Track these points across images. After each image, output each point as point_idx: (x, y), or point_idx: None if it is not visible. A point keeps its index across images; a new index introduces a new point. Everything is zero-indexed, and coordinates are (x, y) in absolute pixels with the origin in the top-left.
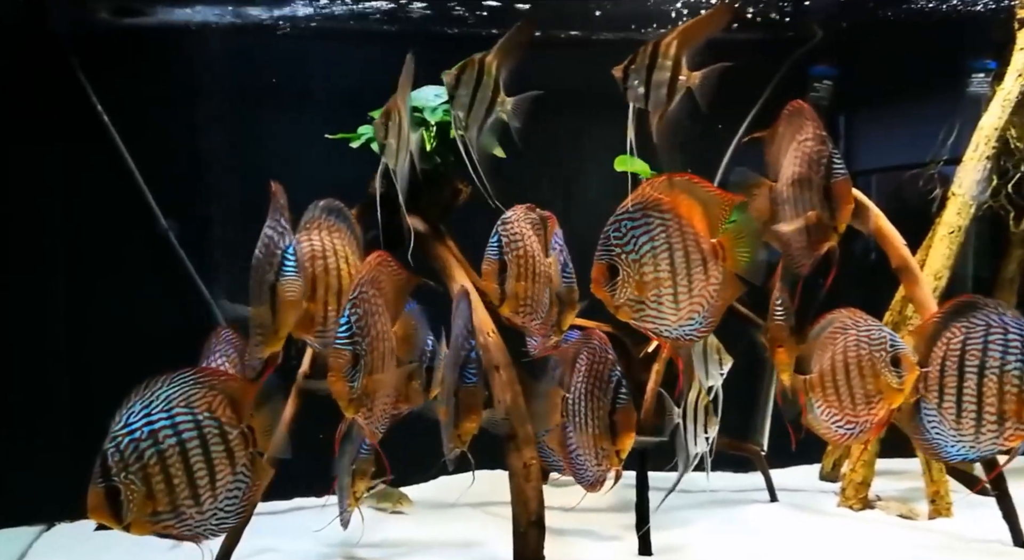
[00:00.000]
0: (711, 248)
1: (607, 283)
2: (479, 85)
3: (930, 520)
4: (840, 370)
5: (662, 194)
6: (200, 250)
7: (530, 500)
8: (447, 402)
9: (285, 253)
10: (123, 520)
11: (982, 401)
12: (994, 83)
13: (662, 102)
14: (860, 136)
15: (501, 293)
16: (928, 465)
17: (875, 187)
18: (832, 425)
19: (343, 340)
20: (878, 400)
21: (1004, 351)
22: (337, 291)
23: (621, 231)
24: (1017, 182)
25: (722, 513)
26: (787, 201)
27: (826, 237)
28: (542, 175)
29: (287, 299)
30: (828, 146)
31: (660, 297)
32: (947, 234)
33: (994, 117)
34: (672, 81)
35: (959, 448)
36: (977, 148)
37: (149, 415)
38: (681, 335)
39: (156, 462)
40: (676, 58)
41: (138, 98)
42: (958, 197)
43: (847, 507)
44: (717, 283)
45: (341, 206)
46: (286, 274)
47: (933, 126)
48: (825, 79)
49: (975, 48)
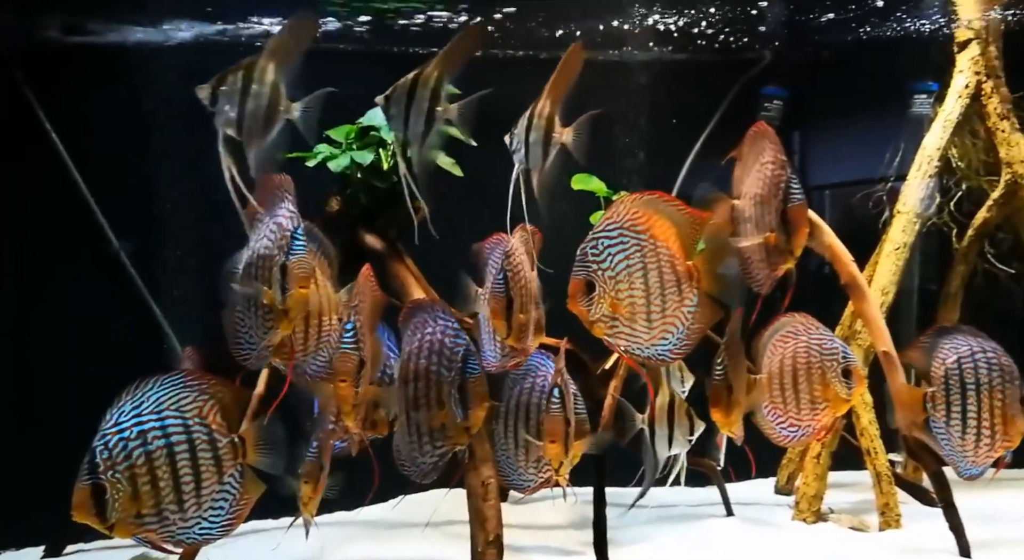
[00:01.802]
0: (686, 270)
1: (583, 299)
2: (412, 100)
3: (880, 532)
4: (789, 374)
5: (639, 213)
6: (152, 268)
7: (488, 519)
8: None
9: (294, 234)
10: (107, 520)
11: (980, 418)
12: (936, 104)
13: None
14: (809, 154)
15: (508, 327)
16: (878, 477)
17: (823, 204)
18: (776, 426)
19: (350, 344)
20: (823, 407)
21: (989, 369)
22: (306, 314)
23: (598, 248)
24: (959, 200)
25: (679, 528)
26: (748, 219)
27: (783, 260)
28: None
29: (298, 275)
30: (787, 171)
31: (634, 315)
32: (893, 250)
33: (936, 137)
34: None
35: (966, 465)
36: (921, 167)
37: (139, 416)
38: (653, 355)
39: (144, 463)
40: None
41: (88, 116)
42: (903, 215)
43: (801, 520)
44: (692, 305)
45: (310, 226)
46: (296, 252)
47: (879, 145)
48: (776, 99)
49: (918, 70)
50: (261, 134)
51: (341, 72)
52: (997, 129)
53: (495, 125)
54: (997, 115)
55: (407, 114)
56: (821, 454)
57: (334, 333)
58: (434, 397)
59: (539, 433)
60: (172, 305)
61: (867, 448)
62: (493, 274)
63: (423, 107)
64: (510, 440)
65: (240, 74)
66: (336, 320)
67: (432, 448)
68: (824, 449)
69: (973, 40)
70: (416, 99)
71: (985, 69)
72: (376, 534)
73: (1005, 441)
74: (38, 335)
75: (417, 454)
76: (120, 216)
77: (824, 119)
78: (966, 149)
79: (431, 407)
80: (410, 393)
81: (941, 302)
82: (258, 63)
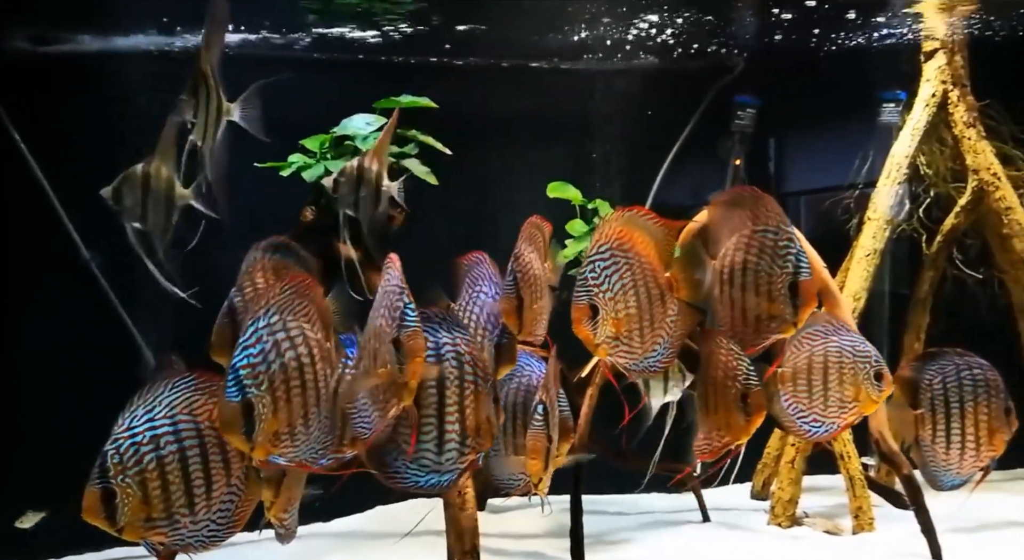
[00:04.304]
0: (666, 281)
1: (588, 323)
2: (208, 99)
3: (854, 535)
4: (818, 371)
5: (623, 232)
6: (122, 280)
7: (465, 530)
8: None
9: (405, 309)
10: (117, 523)
11: (964, 435)
12: (904, 112)
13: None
14: (781, 161)
15: (520, 325)
16: (851, 481)
17: (797, 210)
18: (798, 420)
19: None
20: (852, 407)
21: (974, 386)
22: None
23: (596, 271)
24: (928, 206)
25: (657, 534)
26: (727, 283)
27: (783, 330)
28: (473, 201)
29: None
30: (796, 242)
31: (631, 333)
32: (864, 257)
33: (904, 145)
34: (377, 190)
35: (950, 477)
36: (890, 174)
37: (152, 419)
38: (646, 367)
39: (155, 467)
40: (378, 172)
41: (57, 126)
42: (874, 221)
43: (776, 525)
44: (674, 314)
45: (286, 242)
46: (408, 326)
47: (850, 153)
48: (748, 107)
49: (887, 79)
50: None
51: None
52: (963, 137)
53: (466, 134)
54: (963, 123)
55: (205, 113)
56: (796, 459)
57: None
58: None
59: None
60: (143, 313)
61: (840, 452)
62: (470, 293)
63: (213, 106)
64: (497, 440)
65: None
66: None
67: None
68: (799, 454)
69: (939, 50)
70: (209, 99)
71: (951, 78)
72: (352, 545)
73: (990, 451)
74: (7, 344)
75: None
76: (89, 225)
77: (795, 127)
78: (934, 156)
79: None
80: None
81: (911, 307)
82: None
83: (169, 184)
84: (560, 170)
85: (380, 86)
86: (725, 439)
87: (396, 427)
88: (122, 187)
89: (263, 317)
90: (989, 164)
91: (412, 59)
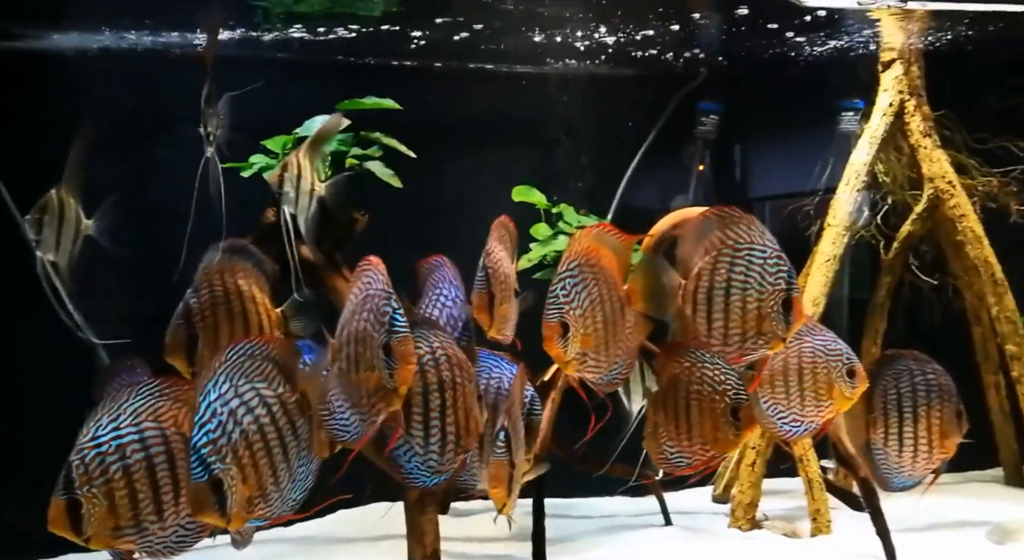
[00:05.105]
0: (625, 294)
1: (559, 340)
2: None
3: (812, 537)
4: (794, 372)
5: (590, 247)
6: (75, 279)
7: (426, 533)
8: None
9: (394, 315)
10: (83, 533)
11: (917, 436)
12: (863, 121)
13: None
14: (743, 167)
15: (491, 320)
16: (810, 484)
17: (762, 216)
18: (778, 421)
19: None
20: (827, 405)
21: (927, 390)
22: (245, 333)
23: (567, 288)
24: (885, 213)
25: (619, 538)
26: (709, 300)
27: (773, 345)
28: (437, 205)
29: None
30: (786, 259)
31: (598, 347)
32: (824, 262)
33: (863, 153)
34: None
35: (901, 478)
36: (849, 182)
37: (117, 428)
38: (610, 379)
39: (121, 477)
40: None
41: (11, 123)
42: (833, 227)
43: (737, 528)
44: (631, 326)
45: (244, 245)
46: (398, 332)
47: (811, 159)
48: (711, 113)
49: (846, 88)
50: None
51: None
52: (919, 146)
53: (430, 137)
54: (920, 132)
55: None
56: (756, 462)
57: None
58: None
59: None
60: (98, 314)
61: (800, 456)
62: (431, 295)
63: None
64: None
65: None
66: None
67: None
68: (759, 457)
69: (896, 60)
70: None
71: (908, 88)
72: (310, 549)
73: (941, 453)
74: None
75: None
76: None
77: (758, 134)
78: (891, 165)
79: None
80: (343, 357)
81: (869, 311)
82: None
83: (77, 214)
84: (525, 174)
85: (344, 88)
86: (711, 452)
87: (409, 430)
88: (43, 217)
89: (213, 389)
90: (944, 172)
91: (375, 61)
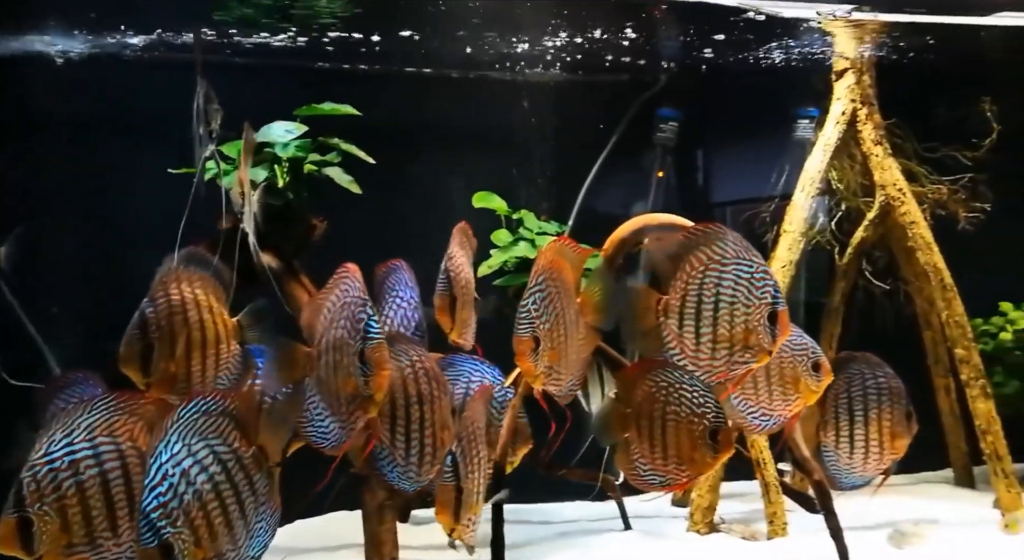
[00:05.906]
0: (579, 306)
1: (532, 354)
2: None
3: (769, 540)
4: (761, 368)
5: (553, 261)
6: (31, 287)
7: (384, 543)
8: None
9: (368, 322)
10: (35, 552)
11: (868, 437)
12: (817, 129)
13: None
14: (702, 173)
15: (452, 323)
16: (767, 487)
17: (724, 221)
18: (749, 416)
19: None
20: (795, 399)
21: (877, 392)
22: (201, 344)
23: (536, 303)
24: (839, 219)
25: (579, 542)
26: (695, 315)
27: (760, 358)
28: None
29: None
30: (771, 273)
31: (560, 360)
32: (780, 268)
33: (817, 160)
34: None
35: (851, 478)
36: (804, 188)
37: (71, 444)
38: (568, 390)
39: (74, 493)
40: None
41: None
42: (789, 233)
43: (695, 532)
44: (583, 337)
45: (202, 253)
46: (373, 339)
47: (767, 166)
48: (670, 120)
49: (801, 96)
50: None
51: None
52: (871, 154)
53: (391, 143)
54: (871, 140)
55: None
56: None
57: (232, 360)
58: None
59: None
60: (49, 322)
61: (757, 459)
62: (388, 299)
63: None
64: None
65: None
66: (235, 347)
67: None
68: None
69: (849, 69)
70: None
71: (860, 97)
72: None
73: (891, 454)
74: None
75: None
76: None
77: (716, 141)
78: (844, 172)
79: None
80: (322, 365)
81: (824, 316)
82: None
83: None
84: (486, 180)
85: (302, 92)
86: (687, 473)
87: (392, 439)
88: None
89: (165, 450)
90: (895, 180)
91: (332, 65)
